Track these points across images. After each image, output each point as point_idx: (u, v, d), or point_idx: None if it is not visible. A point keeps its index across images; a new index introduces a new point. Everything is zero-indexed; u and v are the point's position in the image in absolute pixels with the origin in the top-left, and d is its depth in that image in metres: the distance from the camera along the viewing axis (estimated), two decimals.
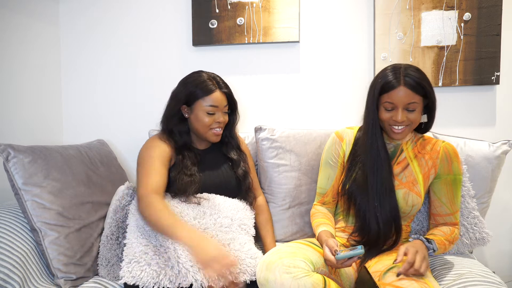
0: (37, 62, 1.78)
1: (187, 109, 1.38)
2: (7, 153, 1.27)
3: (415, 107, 1.20)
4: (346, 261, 1.11)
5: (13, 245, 1.20)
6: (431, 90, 1.22)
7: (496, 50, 1.67)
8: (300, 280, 1.02)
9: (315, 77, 1.82)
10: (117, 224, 1.35)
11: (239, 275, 1.14)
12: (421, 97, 1.20)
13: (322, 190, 1.40)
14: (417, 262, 1.05)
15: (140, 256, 1.12)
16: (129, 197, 1.38)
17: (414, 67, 1.22)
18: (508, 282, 1.77)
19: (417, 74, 1.19)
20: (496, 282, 1.15)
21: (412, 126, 1.24)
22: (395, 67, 1.22)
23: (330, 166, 1.38)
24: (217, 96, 1.35)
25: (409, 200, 1.25)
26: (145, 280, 1.09)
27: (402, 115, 1.20)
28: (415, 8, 1.71)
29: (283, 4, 1.76)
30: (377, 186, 1.24)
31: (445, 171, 1.28)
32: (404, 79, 1.18)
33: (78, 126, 1.97)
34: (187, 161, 1.34)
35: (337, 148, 1.37)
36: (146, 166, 1.28)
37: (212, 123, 1.36)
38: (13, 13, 1.64)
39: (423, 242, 1.16)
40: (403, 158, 1.30)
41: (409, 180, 1.27)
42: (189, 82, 1.37)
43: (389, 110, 1.22)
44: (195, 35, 1.82)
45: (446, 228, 1.28)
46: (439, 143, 1.30)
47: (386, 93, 1.20)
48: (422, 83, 1.18)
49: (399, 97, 1.18)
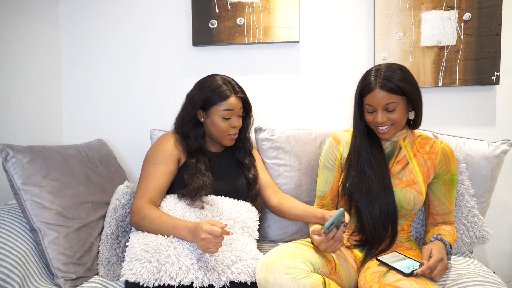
0: (37, 62, 1.78)
1: (202, 114, 1.39)
2: (6, 153, 1.27)
3: (395, 107, 1.21)
4: (336, 234, 1.11)
5: (12, 245, 1.19)
6: (412, 88, 1.22)
7: (496, 50, 1.67)
8: (299, 281, 1.02)
9: (315, 77, 1.82)
10: (116, 223, 1.35)
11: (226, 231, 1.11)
12: (400, 96, 1.21)
13: (320, 193, 1.41)
14: (436, 271, 1.08)
15: (141, 254, 1.12)
16: (129, 196, 1.38)
17: (395, 66, 1.23)
18: (508, 282, 1.77)
19: (394, 75, 1.20)
20: (496, 282, 1.15)
21: (397, 125, 1.25)
22: (375, 69, 1.24)
23: (328, 169, 1.39)
24: (233, 101, 1.36)
25: (410, 198, 1.26)
26: (146, 276, 1.08)
27: (383, 116, 1.22)
28: (415, 8, 1.70)
29: (283, 4, 1.76)
30: (372, 186, 1.24)
31: (444, 172, 1.30)
32: (381, 81, 1.20)
33: (78, 126, 1.97)
34: (201, 166, 1.35)
35: (334, 151, 1.38)
36: (147, 173, 1.33)
37: (228, 128, 1.38)
38: (13, 13, 1.64)
39: (446, 246, 1.18)
40: (402, 156, 1.31)
41: (410, 178, 1.27)
42: (205, 87, 1.38)
43: (371, 112, 1.25)
44: (195, 35, 1.82)
45: (449, 227, 1.30)
46: (438, 144, 1.32)
47: (366, 96, 1.24)
48: (399, 84, 1.19)
49: (377, 99, 1.21)
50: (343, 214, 1.10)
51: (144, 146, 1.91)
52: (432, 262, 1.07)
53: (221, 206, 1.32)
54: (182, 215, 1.26)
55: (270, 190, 1.48)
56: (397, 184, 1.27)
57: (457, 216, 1.42)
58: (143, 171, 1.35)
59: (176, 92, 1.90)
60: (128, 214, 1.36)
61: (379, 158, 1.28)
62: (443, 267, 1.09)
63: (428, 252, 1.12)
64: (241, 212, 1.32)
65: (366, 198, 1.25)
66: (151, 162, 1.34)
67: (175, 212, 1.27)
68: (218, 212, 1.30)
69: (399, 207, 1.26)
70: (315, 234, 1.16)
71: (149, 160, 1.36)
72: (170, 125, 1.83)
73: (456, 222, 1.42)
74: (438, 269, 1.08)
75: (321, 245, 1.14)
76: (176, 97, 1.89)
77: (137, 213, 1.23)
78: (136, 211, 1.24)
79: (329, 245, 1.13)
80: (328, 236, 1.12)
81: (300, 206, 1.37)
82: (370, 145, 1.29)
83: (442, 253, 1.11)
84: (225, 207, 1.32)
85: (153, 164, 1.33)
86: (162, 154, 1.35)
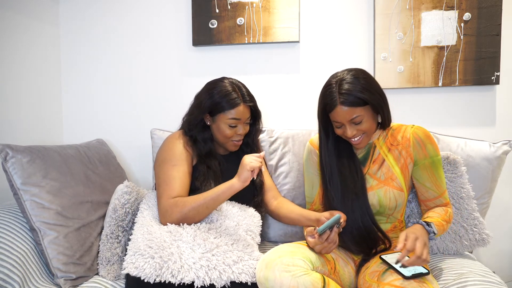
0: (37, 62, 1.78)
1: (209, 118, 1.39)
2: (5, 153, 1.27)
3: (361, 119, 1.18)
4: (330, 235, 1.12)
5: (12, 245, 1.19)
6: (374, 94, 1.18)
7: (496, 50, 1.67)
8: (299, 279, 1.02)
9: (315, 77, 1.82)
10: (116, 222, 1.35)
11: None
12: (364, 107, 1.18)
13: (309, 198, 1.41)
14: (418, 249, 1.02)
15: (144, 249, 1.12)
16: (128, 195, 1.38)
17: (351, 75, 1.18)
18: (508, 282, 1.77)
19: (353, 86, 1.16)
20: (496, 282, 1.15)
21: (368, 133, 1.23)
22: (334, 82, 1.19)
23: (312, 175, 1.39)
24: (240, 110, 1.35)
25: (391, 197, 1.25)
26: (148, 272, 1.08)
27: (351, 129, 1.20)
28: (415, 8, 1.70)
29: (283, 4, 1.76)
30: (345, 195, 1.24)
31: (421, 157, 1.25)
32: (341, 97, 1.16)
33: (78, 126, 1.97)
34: (213, 171, 1.35)
35: (313, 156, 1.38)
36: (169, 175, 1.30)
37: (233, 135, 1.37)
38: (13, 13, 1.64)
39: (423, 226, 1.14)
40: (377, 155, 1.29)
41: (387, 176, 1.26)
42: (214, 92, 1.36)
43: (339, 127, 1.23)
44: (195, 35, 1.82)
45: (440, 209, 1.27)
46: (408, 130, 1.27)
47: (330, 113, 1.21)
48: (359, 95, 1.15)
49: (341, 115, 1.18)
50: (338, 220, 1.11)
51: (144, 146, 1.92)
52: (408, 244, 1.03)
53: (225, 210, 1.32)
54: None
55: (270, 194, 1.48)
56: (376, 185, 1.26)
57: (456, 219, 1.41)
58: (162, 174, 1.31)
59: (176, 92, 1.90)
60: (128, 214, 1.36)
61: (352, 167, 1.26)
62: (422, 244, 1.03)
63: (403, 235, 1.08)
64: (244, 216, 1.32)
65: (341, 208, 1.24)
66: (170, 164, 1.32)
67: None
68: (222, 215, 1.30)
69: (381, 208, 1.26)
70: (309, 236, 1.16)
71: (167, 162, 1.33)
72: (170, 125, 1.84)
73: (456, 225, 1.41)
74: (419, 247, 1.02)
75: (315, 247, 1.14)
76: (176, 97, 1.90)
77: (174, 208, 1.22)
78: (171, 206, 1.23)
79: (323, 246, 1.13)
80: (322, 238, 1.12)
81: (296, 210, 1.37)
82: (339, 158, 1.27)
83: (416, 232, 1.07)
84: (229, 211, 1.32)
85: (174, 165, 1.31)
86: (179, 155, 1.33)
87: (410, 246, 1.03)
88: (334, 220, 1.09)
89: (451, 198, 1.41)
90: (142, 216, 1.30)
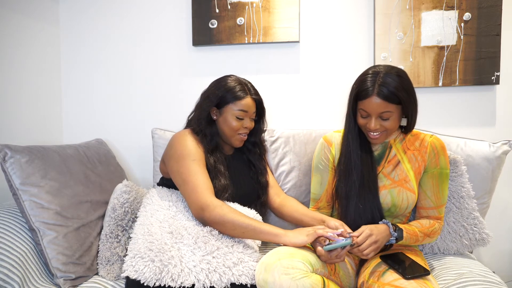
0: (36, 62, 1.78)
1: (216, 111, 1.39)
2: (4, 154, 1.27)
3: (389, 116, 1.19)
4: (339, 253, 1.11)
5: (12, 245, 1.19)
6: (409, 96, 1.18)
7: (496, 50, 1.67)
8: (299, 281, 1.02)
9: (315, 77, 1.82)
10: (115, 222, 1.34)
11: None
12: (396, 105, 1.18)
13: (315, 195, 1.41)
14: (364, 245, 1.13)
15: (145, 252, 1.12)
16: (127, 194, 1.37)
17: (394, 72, 1.18)
18: (508, 282, 1.77)
19: (394, 83, 1.16)
20: (496, 282, 1.15)
21: (389, 132, 1.23)
22: (373, 73, 1.19)
23: (321, 171, 1.38)
24: (248, 102, 1.36)
25: (403, 198, 1.26)
26: (147, 275, 1.08)
27: (376, 123, 1.20)
28: (415, 8, 1.70)
29: (283, 4, 1.76)
30: (359, 189, 1.25)
31: (432, 165, 1.28)
32: (379, 88, 1.16)
33: (77, 126, 1.97)
34: (220, 166, 1.34)
35: (326, 152, 1.37)
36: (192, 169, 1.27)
37: (240, 128, 1.37)
38: (13, 13, 1.64)
39: (389, 228, 1.19)
40: (393, 155, 1.30)
41: (401, 177, 1.27)
42: (221, 85, 1.38)
43: (364, 117, 1.23)
44: (195, 35, 1.82)
45: (426, 221, 1.29)
46: (427, 139, 1.30)
47: (361, 100, 1.21)
48: (397, 93, 1.15)
49: (372, 106, 1.18)
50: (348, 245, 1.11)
51: (144, 146, 1.91)
52: (360, 238, 1.13)
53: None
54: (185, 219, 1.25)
55: (272, 191, 1.48)
56: (389, 184, 1.27)
57: (457, 219, 1.41)
58: (184, 169, 1.27)
59: (175, 92, 1.89)
60: (127, 213, 1.35)
61: (367, 162, 1.26)
62: (371, 241, 1.13)
63: (362, 228, 1.16)
64: None
65: (354, 202, 1.25)
66: (190, 159, 1.29)
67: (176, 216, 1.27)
68: None
69: (393, 207, 1.26)
70: (317, 243, 1.16)
71: (185, 157, 1.29)
72: (169, 125, 1.84)
73: (456, 224, 1.41)
74: (366, 243, 1.13)
75: (321, 256, 1.14)
76: (176, 97, 1.90)
77: (219, 209, 1.19)
78: (215, 206, 1.19)
79: (329, 258, 1.13)
80: (331, 254, 1.12)
81: (300, 209, 1.37)
82: (360, 149, 1.28)
83: (374, 231, 1.16)
84: None
85: (193, 160, 1.28)
86: (195, 151, 1.31)
87: (361, 240, 1.13)
88: (344, 244, 1.09)
89: (452, 197, 1.41)
90: (145, 210, 1.29)
